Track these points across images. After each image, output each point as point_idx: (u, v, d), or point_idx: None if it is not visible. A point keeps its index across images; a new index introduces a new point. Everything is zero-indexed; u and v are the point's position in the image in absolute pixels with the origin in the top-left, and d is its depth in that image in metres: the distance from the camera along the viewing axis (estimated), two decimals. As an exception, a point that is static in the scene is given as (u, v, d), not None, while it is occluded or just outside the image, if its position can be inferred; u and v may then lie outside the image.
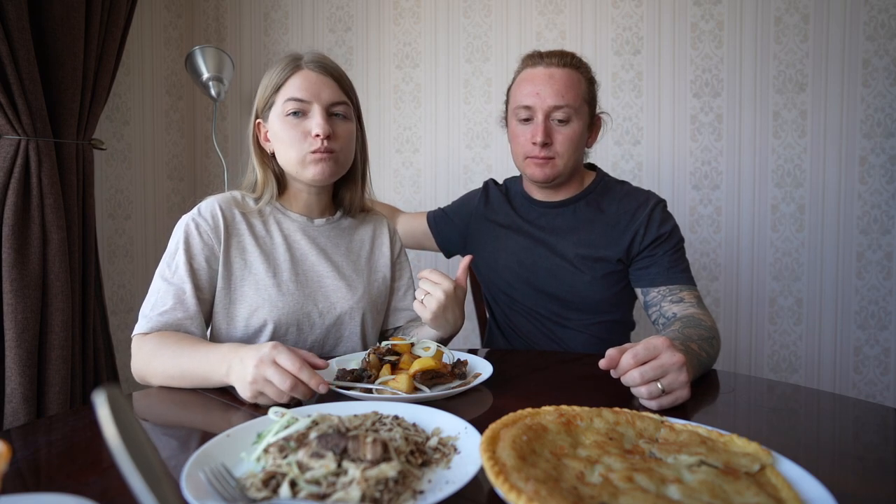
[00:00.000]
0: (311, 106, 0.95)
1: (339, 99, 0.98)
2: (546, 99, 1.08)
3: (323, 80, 0.97)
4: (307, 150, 0.94)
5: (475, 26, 2.11)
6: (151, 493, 0.30)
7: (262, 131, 1.01)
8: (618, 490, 0.41)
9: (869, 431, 0.67)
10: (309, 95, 0.94)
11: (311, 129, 0.94)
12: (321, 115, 0.94)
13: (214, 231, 0.94)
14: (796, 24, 1.90)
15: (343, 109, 0.98)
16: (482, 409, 0.70)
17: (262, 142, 1.02)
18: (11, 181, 1.42)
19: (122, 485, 0.47)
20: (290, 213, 1.03)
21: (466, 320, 2.36)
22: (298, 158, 0.95)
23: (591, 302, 1.15)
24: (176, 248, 0.92)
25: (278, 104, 0.96)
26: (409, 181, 2.20)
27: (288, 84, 0.95)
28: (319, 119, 0.94)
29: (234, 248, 0.96)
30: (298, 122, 0.95)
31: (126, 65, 1.98)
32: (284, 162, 0.98)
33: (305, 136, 0.95)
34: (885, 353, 1.90)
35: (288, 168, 0.99)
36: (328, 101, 0.96)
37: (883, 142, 1.87)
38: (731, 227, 1.98)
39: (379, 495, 0.42)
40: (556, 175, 1.12)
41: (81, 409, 0.72)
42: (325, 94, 0.96)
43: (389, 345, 0.84)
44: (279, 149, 0.98)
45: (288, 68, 0.96)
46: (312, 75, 0.96)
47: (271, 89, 0.97)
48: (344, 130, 0.98)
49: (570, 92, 1.08)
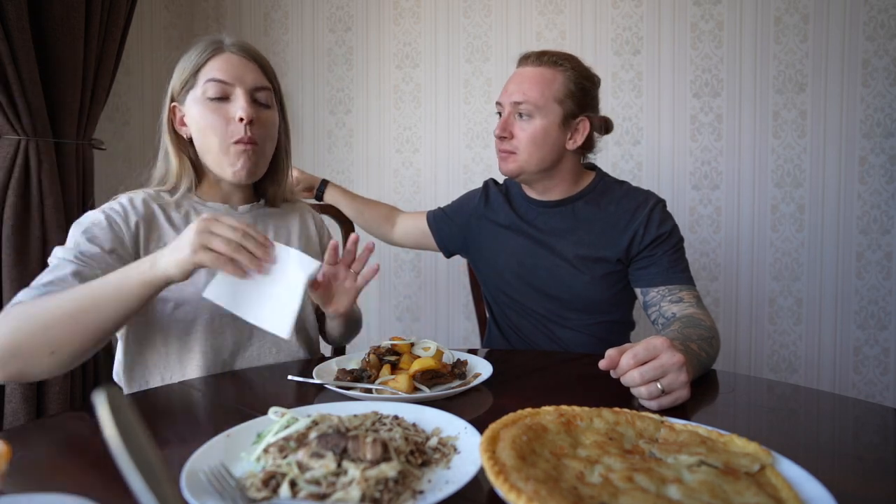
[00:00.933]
0: (234, 89, 0.91)
1: (262, 84, 0.94)
2: (511, 95, 1.11)
3: (246, 64, 0.93)
4: (230, 138, 0.90)
5: (475, 26, 2.11)
6: (151, 493, 0.30)
7: (178, 115, 0.96)
8: (618, 490, 0.41)
9: (869, 431, 0.67)
10: (232, 78, 0.90)
11: (234, 114, 0.90)
12: (245, 98, 0.90)
13: (125, 222, 0.86)
14: (796, 24, 1.90)
15: (265, 96, 0.94)
16: (482, 409, 0.70)
17: (178, 126, 0.96)
18: (11, 181, 1.42)
19: (122, 485, 0.47)
20: (210, 203, 0.97)
21: (466, 320, 2.34)
22: (221, 146, 0.90)
23: (590, 302, 1.15)
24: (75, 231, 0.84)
25: (198, 86, 0.91)
26: (409, 181, 2.20)
27: (209, 66, 0.91)
28: (243, 102, 0.90)
29: (153, 243, 0.89)
30: (220, 106, 0.90)
31: (126, 65, 1.98)
32: (204, 149, 0.93)
33: (228, 122, 0.90)
34: (885, 353, 1.90)
35: (207, 157, 0.94)
36: (252, 84, 0.92)
37: (883, 142, 1.87)
38: (731, 227, 1.98)
39: (379, 495, 0.42)
40: (518, 170, 1.13)
41: (81, 409, 0.71)
42: (249, 78, 0.92)
43: (389, 345, 0.84)
44: (197, 135, 0.93)
45: (209, 49, 0.92)
46: (235, 58, 0.92)
47: (189, 71, 0.92)
48: (267, 117, 0.94)
49: (535, 89, 1.09)
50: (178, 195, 0.94)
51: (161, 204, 0.93)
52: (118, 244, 0.85)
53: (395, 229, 1.43)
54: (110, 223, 0.85)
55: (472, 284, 1.61)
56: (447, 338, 2.18)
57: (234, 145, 0.90)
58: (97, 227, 0.84)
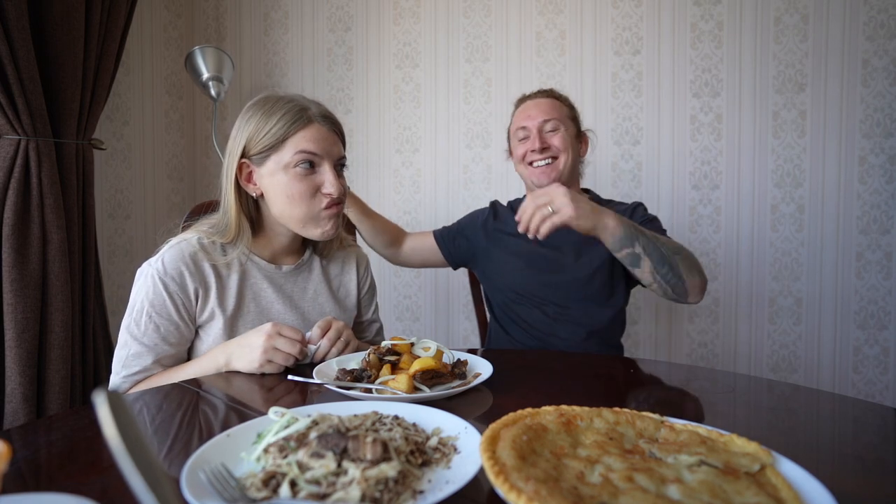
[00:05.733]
0: (322, 161, 0.95)
1: (343, 154, 1.00)
2: (537, 117, 1.29)
3: (333, 137, 0.97)
4: (318, 207, 0.95)
5: (475, 26, 2.11)
6: (151, 493, 0.30)
7: (245, 172, 0.97)
8: (618, 490, 0.41)
9: (869, 431, 0.67)
10: (321, 151, 0.94)
11: (323, 187, 0.95)
12: (332, 172, 0.95)
13: (182, 291, 0.92)
14: (796, 24, 1.90)
15: (343, 162, 1.00)
16: (482, 409, 0.70)
17: (243, 183, 0.97)
18: (11, 181, 1.42)
19: (122, 485, 0.47)
20: (257, 259, 1.01)
21: (466, 320, 2.34)
22: (309, 215, 0.95)
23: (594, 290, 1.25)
24: (142, 307, 0.90)
25: (285, 154, 0.93)
26: (409, 181, 2.20)
27: (299, 136, 0.93)
28: (332, 177, 0.95)
29: (202, 302, 0.94)
30: (307, 176, 0.94)
31: (126, 65, 1.98)
32: (287, 215, 0.96)
33: (315, 192, 0.95)
34: (885, 353, 1.90)
35: (288, 221, 0.97)
36: (337, 156, 0.98)
37: (882, 142, 1.87)
38: (731, 227, 1.98)
39: (379, 495, 0.42)
40: (559, 174, 1.28)
41: (81, 409, 0.72)
42: (335, 150, 0.97)
43: (389, 345, 0.84)
44: (279, 200, 0.95)
45: (299, 119, 0.93)
46: (324, 130, 0.95)
47: (276, 137, 0.93)
48: (344, 181, 1.00)
49: (555, 110, 1.30)
50: (232, 255, 0.97)
51: (213, 262, 0.96)
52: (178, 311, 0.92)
53: (402, 249, 1.47)
54: (169, 293, 0.91)
55: (472, 284, 1.61)
56: (447, 338, 2.18)
57: (324, 211, 0.96)
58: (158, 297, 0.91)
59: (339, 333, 0.93)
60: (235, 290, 0.97)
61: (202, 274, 0.94)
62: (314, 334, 0.91)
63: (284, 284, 1.03)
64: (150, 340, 0.90)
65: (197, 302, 0.93)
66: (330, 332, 0.92)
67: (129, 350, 0.89)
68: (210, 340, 0.95)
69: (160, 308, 0.90)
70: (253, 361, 0.83)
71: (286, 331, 0.85)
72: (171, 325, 0.91)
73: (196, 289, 0.93)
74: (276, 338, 0.84)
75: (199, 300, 0.93)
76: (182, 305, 0.92)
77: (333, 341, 0.92)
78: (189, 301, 0.92)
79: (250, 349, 0.84)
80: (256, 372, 0.85)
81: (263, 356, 0.83)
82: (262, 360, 0.83)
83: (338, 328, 0.93)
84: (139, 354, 0.89)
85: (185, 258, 0.93)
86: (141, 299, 0.90)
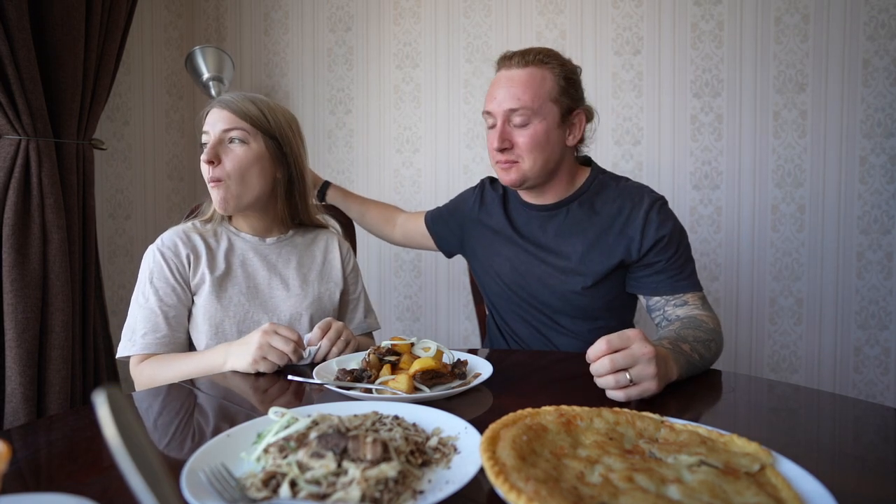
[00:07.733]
0: (210, 137, 1.03)
1: (231, 125, 1.02)
2: (502, 103, 1.05)
3: (221, 113, 1.04)
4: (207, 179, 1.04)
5: (475, 26, 2.11)
6: (151, 493, 0.30)
7: None
8: (618, 490, 0.41)
9: (869, 431, 0.67)
10: (208, 127, 1.04)
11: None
12: (211, 143, 1.02)
13: (176, 256, 1.04)
14: (796, 24, 1.90)
15: (238, 134, 1.03)
16: (482, 409, 0.70)
17: None
18: (11, 181, 1.42)
19: (122, 485, 0.47)
20: (243, 234, 1.12)
21: (466, 320, 2.33)
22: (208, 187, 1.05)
23: (583, 310, 1.12)
24: (145, 277, 1.03)
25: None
26: (409, 181, 2.20)
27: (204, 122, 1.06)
28: (208, 147, 1.02)
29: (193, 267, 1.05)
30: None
31: (126, 65, 1.98)
32: None
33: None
34: (885, 353, 1.90)
35: None
36: (220, 129, 1.03)
37: (883, 142, 1.87)
38: (731, 227, 1.98)
39: (379, 495, 0.42)
40: (521, 179, 1.07)
41: (81, 409, 0.72)
42: (219, 125, 1.03)
43: (389, 345, 0.84)
44: None
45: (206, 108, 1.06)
46: (217, 111, 1.04)
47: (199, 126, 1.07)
48: (236, 154, 1.02)
49: (528, 92, 1.03)
50: (211, 225, 1.11)
51: (201, 233, 1.09)
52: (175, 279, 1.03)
53: (395, 230, 1.43)
54: (166, 261, 1.03)
55: (472, 284, 1.61)
56: (447, 338, 2.18)
57: (209, 184, 1.04)
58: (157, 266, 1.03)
59: (339, 333, 0.96)
60: (223, 257, 1.08)
61: (193, 243, 1.07)
62: (314, 335, 0.94)
63: (269, 255, 1.12)
64: (153, 303, 1.00)
65: (189, 266, 1.04)
66: (330, 333, 0.95)
67: (136, 316, 1.00)
68: (202, 302, 1.03)
69: (159, 273, 1.02)
70: (248, 356, 0.86)
71: (282, 330, 0.88)
72: (168, 287, 1.02)
73: (188, 255, 1.04)
74: (272, 335, 0.86)
75: (191, 265, 1.04)
76: (176, 269, 1.03)
77: (334, 341, 0.94)
78: (182, 265, 1.04)
79: (247, 346, 0.87)
80: (251, 370, 0.86)
81: (258, 352, 0.85)
82: (257, 355, 0.85)
83: (337, 328, 0.96)
84: (146, 318, 0.99)
85: (180, 233, 1.07)
86: (145, 272, 1.03)
